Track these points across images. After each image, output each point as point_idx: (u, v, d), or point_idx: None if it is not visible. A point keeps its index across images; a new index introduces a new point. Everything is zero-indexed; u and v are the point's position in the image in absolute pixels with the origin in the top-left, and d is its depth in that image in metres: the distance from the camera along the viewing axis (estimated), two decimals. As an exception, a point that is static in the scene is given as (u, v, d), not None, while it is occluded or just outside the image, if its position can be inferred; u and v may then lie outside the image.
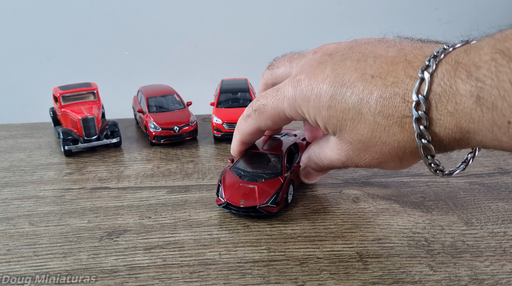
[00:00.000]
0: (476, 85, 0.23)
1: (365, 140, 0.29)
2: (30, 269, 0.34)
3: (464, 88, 0.23)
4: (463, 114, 0.24)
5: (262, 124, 0.38)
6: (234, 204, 0.39)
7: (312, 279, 0.33)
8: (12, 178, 0.50)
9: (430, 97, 0.25)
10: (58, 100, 0.58)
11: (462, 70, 0.24)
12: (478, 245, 0.36)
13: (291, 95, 0.33)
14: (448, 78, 0.24)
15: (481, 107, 0.23)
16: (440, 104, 0.25)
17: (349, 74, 0.29)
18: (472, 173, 0.49)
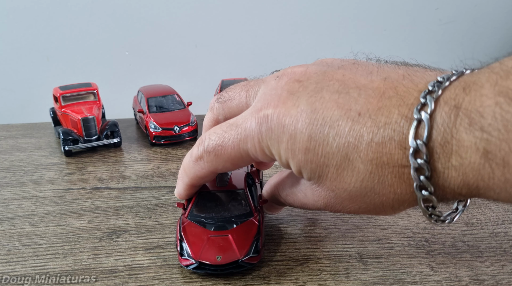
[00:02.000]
0: (482, 137, 0.19)
1: (353, 190, 0.24)
2: (30, 269, 0.34)
3: (468, 140, 0.20)
4: (470, 170, 0.20)
5: (219, 167, 0.31)
6: (209, 262, 0.32)
7: (313, 280, 0.33)
8: (12, 178, 0.50)
9: (431, 145, 0.21)
10: (58, 100, 0.58)
11: (464, 117, 0.20)
12: (478, 245, 0.36)
13: (256, 134, 0.27)
14: (449, 124, 0.21)
15: (489, 163, 0.19)
16: (443, 156, 0.21)
17: (330, 110, 0.24)
18: (472, 173, 0.49)
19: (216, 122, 0.34)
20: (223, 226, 0.34)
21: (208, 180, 0.35)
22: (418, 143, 0.21)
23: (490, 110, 0.19)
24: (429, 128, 0.21)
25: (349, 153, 0.23)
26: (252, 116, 0.27)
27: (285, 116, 0.25)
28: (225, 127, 0.29)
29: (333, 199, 0.26)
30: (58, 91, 0.59)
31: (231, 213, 0.35)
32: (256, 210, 0.36)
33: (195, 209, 0.35)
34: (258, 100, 0.28)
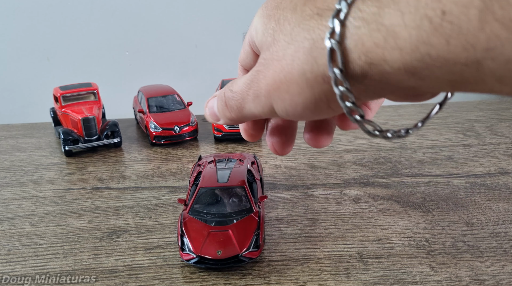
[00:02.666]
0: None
1: (281, 40, 0.23)
2: (30, 269, 0.34)
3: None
4: (389, 2, 0.18)
5: (240, 55, 0.31)
6: (209, 257, 0.33)
7: (313, 280, 0.33)
8: (13, 178, 0.50)
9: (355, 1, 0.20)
10: (59, 100, 0.58)
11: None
12: (479, 245, 0.36)
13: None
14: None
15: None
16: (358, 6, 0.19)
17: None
18: (472, 174, 0.49)
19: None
20: (223, 221, 0.35)
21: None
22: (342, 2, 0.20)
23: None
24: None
25: (299, 3, 0.23)
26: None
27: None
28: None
29: (260, 62, 0.25)
30: (58, 91, 0.59)
31: (231, 209, 0.36)
32: (256, 205, 0.37)
33: (196, 205, 0.36)
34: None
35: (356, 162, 0.52)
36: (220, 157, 0.43)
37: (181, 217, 0.36)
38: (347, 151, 0.55)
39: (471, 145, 0.56)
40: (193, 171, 0.42)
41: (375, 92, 0.21)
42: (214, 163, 0.41)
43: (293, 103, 0.23)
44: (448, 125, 0.63)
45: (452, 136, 0.59)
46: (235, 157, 0.43)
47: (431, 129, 0.62)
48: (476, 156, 0.53)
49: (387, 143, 0.57)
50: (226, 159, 0.42)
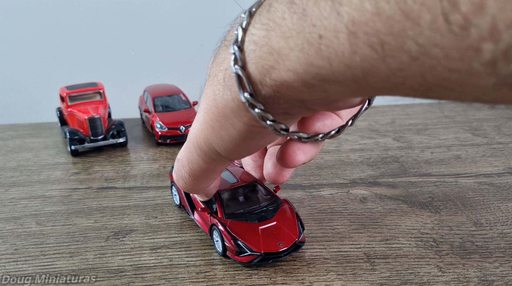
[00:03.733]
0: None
1: (206, 81, 0.24)
2: (37, 269, 0.34)
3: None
4: (274, 26, 0.18)
5: None
6: (273, 251, 0.33)
7: (319, 280, 0.33)
8: (20, 178, 0.50)
9: (257, 12, 0.20)
10: (65, 100, 0.58)
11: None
12: (487, 246, 0.36)
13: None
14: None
15: (291, 16, 0.17)
16: (259, 16, 0.20)
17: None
18: (481, 173, 0.48)
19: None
20: (264, 216, 0.35)
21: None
22: (246, 13, 0.20)
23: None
24: (258, 4, 0.20)
25: (218, 46, 0.24)
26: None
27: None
28: None
29: (199, 108, 0.25)
30: (64, 91, 0.59)
31: (262, 204, 0.36)
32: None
33: (227, 209, 0.36)
34: None
35: (363, 162, 0.52)
36: None
37: (216, 226, 0.34)
38: (354, 151, 0.54)
39: (480, 144, 0.56)
40: None
41: (299, 107, 0.21)
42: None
43: (231, 138, 0.23)
44: (456, 125, 0.62)
45: (460, 136, 0.58)
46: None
47: (439, 129, 0.61)
48: (485, 155, 0.52)
49: (394, 143, 0.56)
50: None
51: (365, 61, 0.15)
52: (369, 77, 0.16)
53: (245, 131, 0.23)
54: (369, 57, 0.15)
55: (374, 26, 0.14)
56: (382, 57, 0.15)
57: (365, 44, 0.15)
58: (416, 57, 0.14)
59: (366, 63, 0.15)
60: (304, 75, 0.18)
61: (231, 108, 0.22)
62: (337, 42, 0.16)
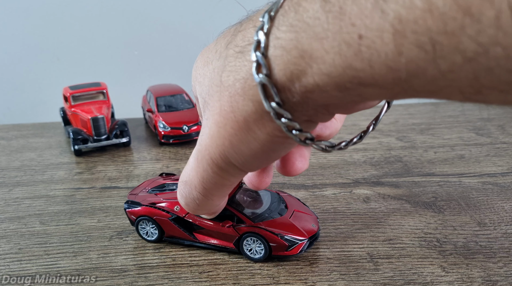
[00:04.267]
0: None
1: (214, 92, 0.22)
2: (41, 268, 0.35)
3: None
4: (305, 27, 0.17)
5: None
6: (313, 234, 0.35)
7: (322, 280, 0.32)
8: (24, 177, 0.50)
9: (278, 15, 0.19)
10: (68, 100, 0.59)
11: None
12: (491, 246, 0.36)
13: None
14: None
15: (326, 15, 0.16)
16: (283, 18, 0.18)
17: (228, 29, 0.24)
18: (485, 173, 0.48)
19: None
20: (282, 209, 0.37)
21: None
22: (265, 15, 0.19)
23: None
24: (281, 1, 0.19)
25: (220, 49, 0.23)
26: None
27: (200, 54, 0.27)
28: None
29: (204, 125, 0.24)
30: (68, 91, 0.59)
31: (269, 200, 0.37)
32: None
33: (248, 212, 0.35)
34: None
35: (366, 161, 0.52)
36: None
37: (256, 231, 0.34)
38: (357, 150, 0.54)
39: (484, 143, 0.55)
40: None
41: (324, 113, 0.20)
42: None
43: (252, 152, 0.22)
44: (460, 124, 0.62)
45: (464, 135, 0.58)
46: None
47: (443, 128, 0.61)
48: (489, 155, 0.52)
49: (397, 142, 0.56)
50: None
51: (411, 62, 0.14)
52: (413, 79, 0.15)
53: (267, 144, 0.21)
54: (417, 59, 0.14)
55: (424, 24, 0.13)
56: (432, 58, 0.14)
57: (413, 44, 0.14)
58: (471, 58, 0.13)
59: (413, 65, 0.14)
60: (339, 79, 0.17)
61: (253, 120, 0.20)
62: (381, 42, 0.15)
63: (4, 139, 0.62)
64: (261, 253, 0.34)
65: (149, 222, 0.37)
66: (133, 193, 0.39)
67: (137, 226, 0.37)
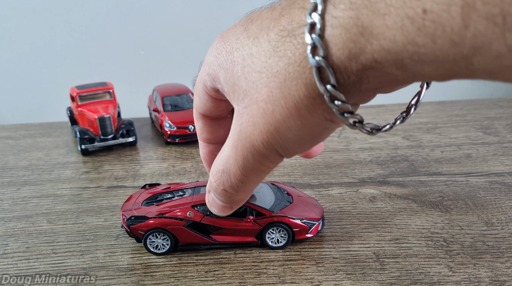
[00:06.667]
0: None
1: (258, 79, 0.21)
2: (48, 267, 0.35)
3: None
4: (365, 3, 0.17)
5: (195, 101, 0.30)
6: (323, 214, 0.38)
7: (328, 279, 0.32)
8: (31, 177, 0.51)
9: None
10: (75, 99, 0.59)
11: None
12: (499, 245, 0.35)
13: (206, 57, 0.27)
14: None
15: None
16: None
17: (259, 13, 0.23)
18: (492, 172, 0.47)
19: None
20: (287, 197, 0.39)
21: (208, 133, 0.31)
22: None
23: None
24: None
25: (260, 34, 0.21)
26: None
27: (225, 34, 0.25)
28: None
29: (245, 113, 0.23)
30: (74, 90, 0.60)
31: (271, 191, 0.39)
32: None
33: (264, 205, 0.36)
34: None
35: (372, 161, 0.51)
36: (182, 185, 0.40)
37: (280, 220, 0.36)
38: (363, 149, 0.54)
39: (491, 142, 0.55)
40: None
41: (370, 93, 0.20)
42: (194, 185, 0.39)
43: (299, 138, 0.21)
44: (467, 123, 0.61)
45: (471, 134, 0.58)
46: (188, 186, 0.40)
47: (449, 127, 0.60)
48: (496, 154, 0.52)
49: (404, 141, 0.56)
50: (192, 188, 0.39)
51: (477, 36, 0.14)
52: (476, 57, 0.15)
53: (316, 128, 0.21)
54: (484, 32, 0.14)
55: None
56: (500, 32, 0.13)
57: (482, 17, 0.13)
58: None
59: (478, 40, 0.14)
60: (399, 55, 0.16)
61: (305, 105, 0.20)
62: (447, 16, 0.14)
63: (12, 139, 0.62)
64: (284, 240, 0.36)
65: (160, 234, 0.35)
66: (127, 209, 0.37)
67: (145, 241, 0.36)
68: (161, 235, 0.35)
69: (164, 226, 0.35)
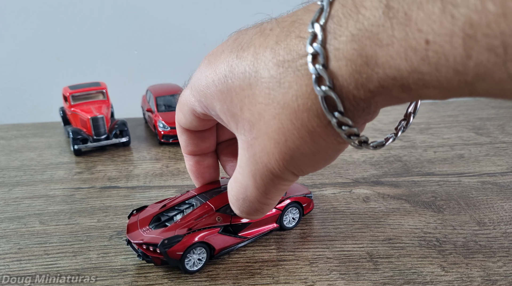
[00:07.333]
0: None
1: (264, 110, 0.21)
2: (40, 268, 0.35)
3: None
4: (368, 35, 0.17)
5: (178, 117, 0.31)
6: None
7: (322, 279, 0.32)
8: (23, 177, 0.50)
9: (329, 24, 0.18)
10: (68, 99, 0.59)
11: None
12: (491, 245, 0.36)
13: (192, 80, 0.27)
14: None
15: (391, 21, 0.16)
16: (340, 28, 0.18)
17: (248, 36, 0.23)
18: (484, 172, 0.48)
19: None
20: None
21: (193, 145, 0.33)
22: (316, 26, 0.18)
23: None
24: (328, 7, 0.18)
25: (257, 64, 0.21)
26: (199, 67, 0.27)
27: (212, 57, 0.25)
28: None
29: (256, 143, 0.23)
30: (67, 90, 0.59)
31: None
32: None
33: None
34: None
35: (365, 161, 0.52)
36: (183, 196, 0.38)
37: (293, 200, 0.39)
38: (357, 150, 0.54)
39: (483, 143, 0.55)
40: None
41: (376, 113, 0.21)
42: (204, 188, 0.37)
43: (314, 162, 0.22)
44: (459, 124, 0.62)
45: (464, 135, 0.58)
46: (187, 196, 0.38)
47: (442, 128, 0.61)
48: (488, 154, 0.52)
49: (397, 142, 0.56)
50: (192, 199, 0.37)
51: (480, 66, 0.14)
52: (479, 82, 0.15)
53: (330, 152, 0.22)
54: (486, 62, 0.14)
55: (498, 28, 0.13)
56: (502, 61, 0.14)
57: (484, 48, 0.14)
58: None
59: (481, 69, 0.14)
60: (404, 81, 0.17)
61: (318, 133, 0.20)
62: (449, 47, 0.15)
63: (4, 139, 0.62)
64: (296, 218, 0.39)
65: (196, 249, 0.33)
66: (140, 238, 0.33)
67: (183, 261, 0.33)
68: (197, 250, 0.33)
69: (201, 238, 0.33)
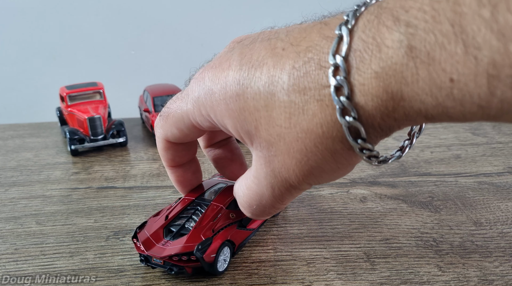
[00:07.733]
0: (406, 32, 0.17)
1: (285, 133, 0.22)
2: (37, 268, 0.34)
3: (391, 38, 0.17)
4: (392, 73, 0.18)
5: (168, 133, 0.31)
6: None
7: (319, 279, 0.33)
8: (20, 177, 0.50)
9: (351, 57, 0.19)
10: (65, 99, 0.59)
11: (388, 15, 0.18)
12: (487, 245, 0.36)
13: (195, 94, 0.26)
14: (371, 29, 0.18)
15: (414, 61, 0.17)
16: (363, 64, 0.18)
17: (257, 53, 0.23)
18: (481, 172, 0.48)
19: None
20: None
21: (175, 156, 0.32)
22: (337, 58, 0.19)
23: (416, 3, 0.17)
24: (348, 40, 0.19)
25: (274, 87, 0.22)
26: (194, 79, 0.27)
27: (217, 69, 0.25)
28: (178, 94, 0.30)
29: (275, 160, 0.23)
30: (64, 90, 0.59)
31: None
32: None
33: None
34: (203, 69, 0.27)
35: (362, 161, 0.52)
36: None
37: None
38: (354, 150, 0.54)
39: (480, 143, 0.56)
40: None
41: (391, 134, 0.22)
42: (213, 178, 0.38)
43: (330, 177, 0.23)
44: (456, 124, 0.62)
45: (460, 135, 0.58)
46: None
47: (439, 128, 0.61)
48: (485, 154, 0.52)
49: (394, 142, 0.56)
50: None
51: (504, 102, 0.15)
52: (503, 115, 0.16)
53: (349, 168, 0.23)
54: (510, 99, 0.15)
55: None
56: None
57: (508, 87, 0.15)
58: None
59: (505, 105, 0.15)
60: (429, 112, 0.18)
61: (341, 155, 0.22)
62: (474, 85, 0.15)
63: (0, 139, 0.61)
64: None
65: (224, 249, 0.33)
66: (160, 252, 0.32)
67: (216, 263, 0.32)
68: (225, 249, 0.33)
69: (226, 237, 0.33)
